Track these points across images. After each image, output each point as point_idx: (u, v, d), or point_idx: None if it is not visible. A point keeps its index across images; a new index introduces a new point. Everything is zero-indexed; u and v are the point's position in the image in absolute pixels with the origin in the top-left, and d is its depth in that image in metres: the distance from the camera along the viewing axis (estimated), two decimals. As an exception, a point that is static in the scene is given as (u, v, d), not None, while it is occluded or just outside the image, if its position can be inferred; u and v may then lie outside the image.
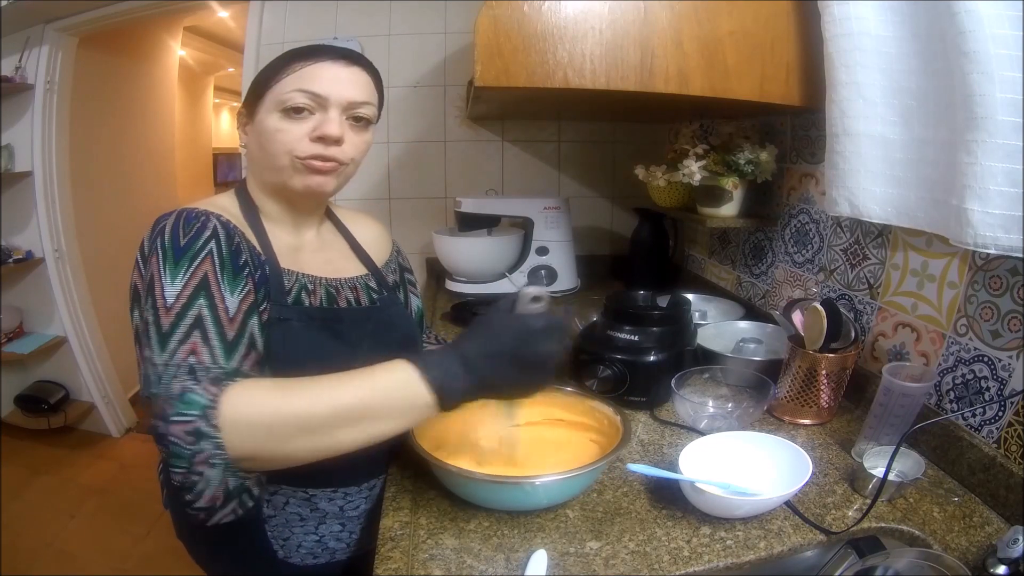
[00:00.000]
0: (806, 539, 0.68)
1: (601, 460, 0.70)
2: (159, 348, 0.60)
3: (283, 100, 0.74)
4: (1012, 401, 0.74)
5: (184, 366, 0.58)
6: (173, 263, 0.64)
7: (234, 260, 0.69)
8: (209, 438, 0.53)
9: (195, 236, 0.67)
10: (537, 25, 0.90)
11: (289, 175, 0.77)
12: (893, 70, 0.82)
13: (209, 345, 0.61)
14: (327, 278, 0.83)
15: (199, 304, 0.63)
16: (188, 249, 0.66)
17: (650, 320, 1.01)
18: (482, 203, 1.75)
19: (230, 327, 0.64)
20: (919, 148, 0.81)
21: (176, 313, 0.62)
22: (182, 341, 0.60)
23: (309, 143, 0.75)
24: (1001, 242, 0.67)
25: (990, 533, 0.69)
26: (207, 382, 0.56)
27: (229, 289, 0.66)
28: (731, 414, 0.92)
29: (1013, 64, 0.64)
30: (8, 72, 2.39)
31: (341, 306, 0.82)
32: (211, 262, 0.66)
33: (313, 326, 0.77)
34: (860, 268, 1.05)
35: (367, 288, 0.88)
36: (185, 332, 0.61)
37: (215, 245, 0.68)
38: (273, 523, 0.78)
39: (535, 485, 0.67)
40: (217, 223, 0.70)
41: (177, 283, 0.63)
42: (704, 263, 1.76)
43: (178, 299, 0.62)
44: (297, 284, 0.78)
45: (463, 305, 1.55)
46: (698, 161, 1.30)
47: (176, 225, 0.68)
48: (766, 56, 0.98)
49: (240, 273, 0.69)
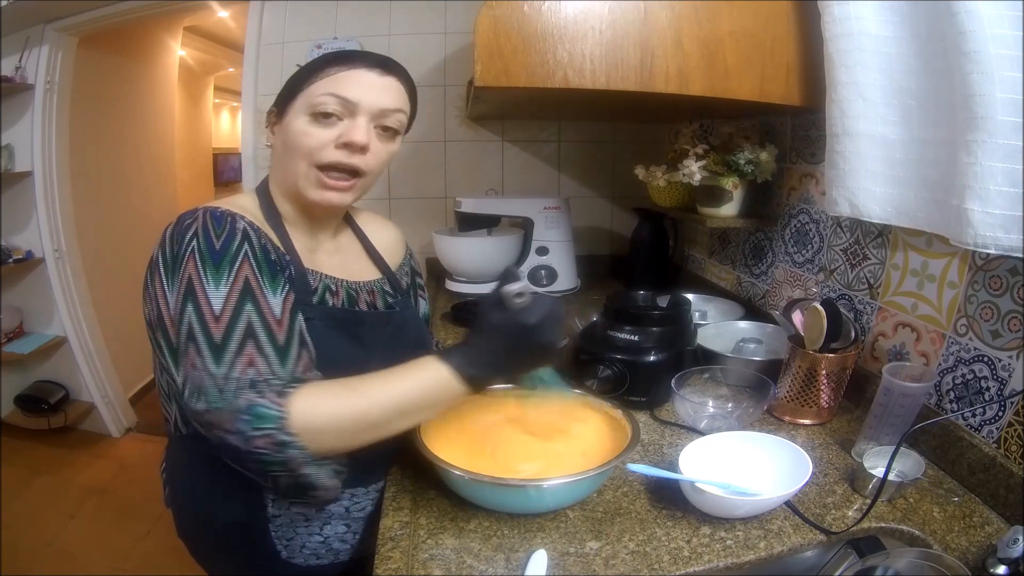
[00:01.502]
0: (806, 539, 0.68)
1: (608, 464, 0.69)
2: (214, 360, 0.60)
3: (314, 104, 0.73)
4: (1012, 401, 0.74)
5: (244, 380, 0.60)
6: (214, 267, 0.64)
7: (269, 260, 0.69)
8: (292, 446, 0.58)
9: (229, 237, 0.67)
10: (537, 25, 0.90)
11: (304, 184, 0.76)
12: (893, 70, 0.82)
13: (264, 354, 0.62)
14: (348, 280, 0.83)
15: (247, 311, 0.63)
16: (225, 252, 0.65)
17: (650, 320, 1.01)
18: (482, 203, 1.75)
19: (280, 331, 0.65)
20: (919, 148, 0.81)
21: (227, 323, 0.62)
22: (238, 352, 0.61)
23: (333, 149, 0.75)
24: (1001, 242, 0.67)
25: (990, 533, 0.69)
26: (271, 393, 0.59)
27: (271, 290, 0.67)
28: (731, 414, 0.92)
29: (1013, 64, 0.64)
30: (8, 72, 2.39)
31: (361, 309, 0.83)
32: (249, 265, 0.66)
33: (333, 327, 0.77)
34: (860, 268, 1.05)
35: (383, 292, 0.89)
36: (239, 342, 0.61)
37: (249, 247, 0.67)
38: (278, 523, 0.77)
39: (542, 488, 0.67)
40: (244, 223, 0.70)
41: (222, 288, 0.63)
42: (704, 263, 1.76)
43: (225, 306, 0.62)
44: (322, 284, 0.79)
45: (463, 305, 1.55)
46: (698, 161, 1.30)
47: (207, 225, 0.67)
48: (766, 56, 0.98)
49: (277, 272, 0.70)
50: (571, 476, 0.67)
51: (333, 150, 0.75)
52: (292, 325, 0.67)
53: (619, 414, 0.82)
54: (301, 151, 0.75)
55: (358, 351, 0.79)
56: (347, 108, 0.74)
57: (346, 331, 0.79)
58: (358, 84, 0.75)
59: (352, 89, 0.74)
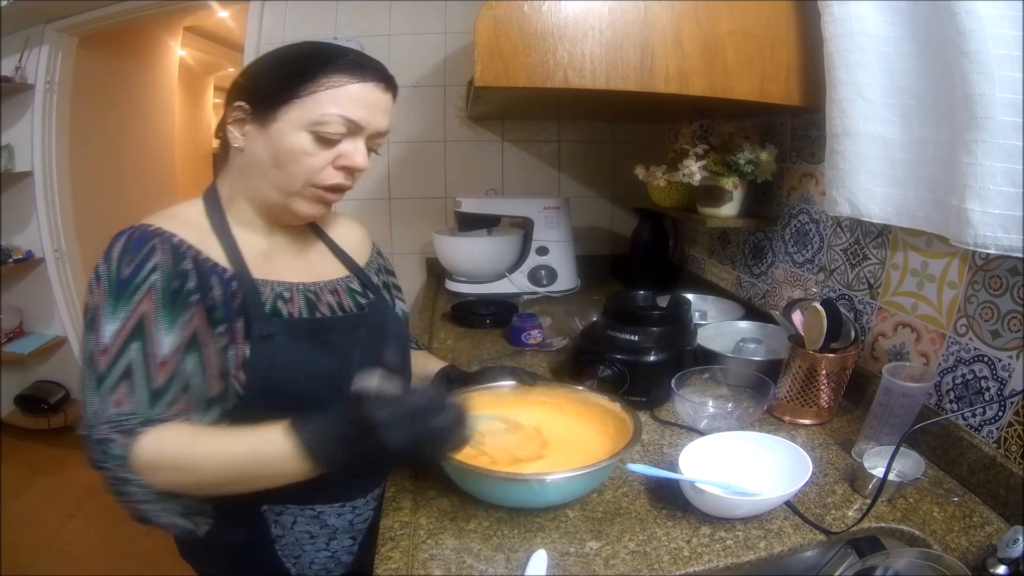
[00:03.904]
0: (806, 539, 0.68)
1: (611, 458, 0.70)
2: (94, 391, 0.61)
3: (318, 121, 0.68)
4: (1012, 401, 0.74)
5: (111, 415, 0.60)
6: (115, 298, 0.63)
7: (175, 293, 0.65)
8: (132, 482, 0.59)
9: (138, 267, 0.64)
10: (537, 25, 0.90)
11: (297, 201, 0.73)
12: (893, 70, 0.82)
13: (134, 395, 0.61)
14: (304, 283, 0.78)
15: (132, 349, 0.62)
16: (129, 282, 0.63)
17: (650, 320, 1.01)
18: (482, 203, 1.75)
19: (160, 373, 0.63)
20: (919, 148, 0.81)
21: (112, 356, 0.61)
22: (112, 389, 0.61)
23: (333, 171, 0.71)
24: (1001, 242, 0.67)
25: (990, 533, 0.69)
26: (122, 434, 0.59)
27: (167, 327, 0.64)
28: (731, 414, 0.92)
29: (1013, 64, 0.64)
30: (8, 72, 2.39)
31: (322, 312, 0.78)
32: (151, 298, 0.64)
33: (299, 339, 0.73)
34: (860, 268, 1.05)
35: (350, 291, 0.84)
36: (116, 381, 0.61)
37: (157, 276, 0.64)
38: (283, 542, 0.77)
39: (545, 482, 0.68)
40: (163, 248, 0.66)
41: (116, 320, 0.62)
42: (704, 263, 1.76)
43: (115, 339, 0.62)
44: (272, 293, 0.74)
45: (463, 305, 1.55)
46: (698, 161, 1.30)
47: (122, 251, 0.65)
48: (766, 56, 0.98)
49: (181, 305, 0.65)
50: (574, 471, 0.67)
51: (333, 171, 0.71)
52: (177, 367, 0.64)
53: (619, 408, 0.82)
54: (300, 170, 0.70)
55: (331, 361, 0.74)
56: (351, 129, 0.70)
57: (314, 341, 0.74)
58: (366, 104, 0.70)
59: (360, 110, 0.70)
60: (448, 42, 1.95)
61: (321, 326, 0.76)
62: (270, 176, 0.71)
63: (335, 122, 0.68)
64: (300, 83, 0.68)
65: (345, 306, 0.81)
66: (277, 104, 0.69)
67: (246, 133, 0.71)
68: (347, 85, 0.69)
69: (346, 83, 0.69)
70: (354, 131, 0.70)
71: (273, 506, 0.76)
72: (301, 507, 0.77)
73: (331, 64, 0.69)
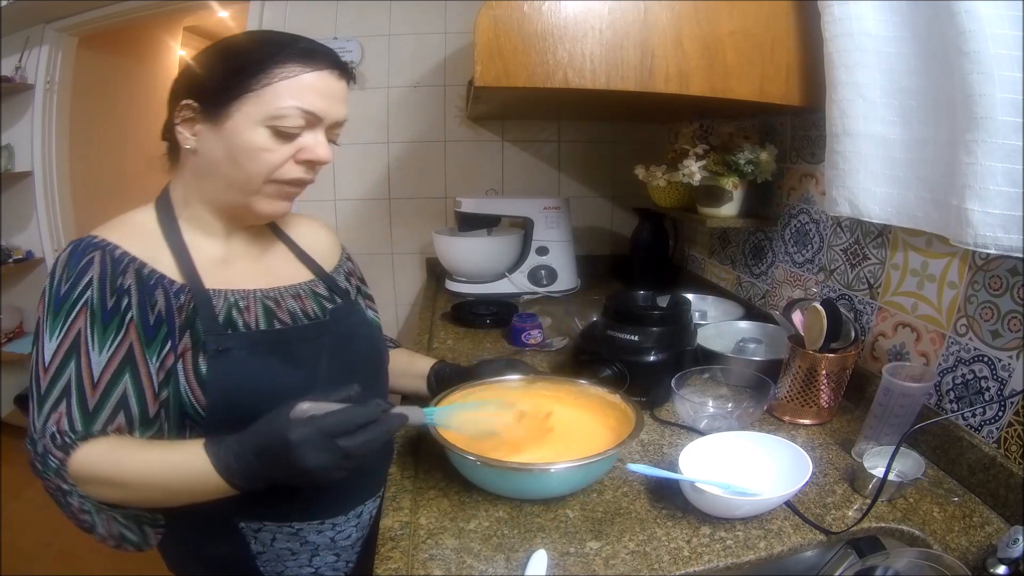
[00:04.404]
0: (806, 539, 0.68)
1: (614, 448, 0.70)
2: (37, 407, 0.62)
3: (276, 115, 0.65)
4: (1012, 401, 0.74)
5: (50, 431, 0.61)
6: (52, 315, 0.62)
7: (110, 311, 0.63)
8: (71, 493, 0.61)
9: (74, 283, 0.62)
10: (537, 25, 0.90)
11: (258, 199, 0.69)
12: (893, 70, 0.82)
13: (70, 414, 0.61)
14: (262, 289, 0.74)
15: (69, 368, 0.61)
16: (65, 300, 0.62)
17: (650, 320, 1.01)
18: (482, 203, 1.75)
19: (92, 394, 0.62)
20: (919, 148, 0.81)
21: (51, 375, 0.61)
22: (53, 407, 0.61)
23: (294, 165, 0.68)
24: (1001, 242, 0.67)
25: (990, 533, 0.69)
26: (58, 448, 0.60)
27: (98, 346, 0.62)
28: (731, 414, 0.92)
29: (1013, 64, 0.64)
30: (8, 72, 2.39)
31: (282, 319, 0.74)
32: (84, 316, 0.62)
33: (258, 352, 0.69)
34: (860, 268, 1.05)
35: (314, 295, 0.79)
36: (56, 399, 0.61)
37: (92, 293, 0.63)
38: (264, 559, 0.75)
39: (549, 472, 0.68)
40: (104, 261, 0.64)
41: (54, 339, 0.62)
42: (704, 263, 1.76)
43: (53, 358, 0.61)
44: (225, 304, 0.70)
45: (463, 305, 1.55)
46: (698, 161, 1.30)
47: (63, 265, 0.64)
48: (766, 56, 0.98)
49: (114, 324, 0.63)
50: (577, 460, 0.68)
51: (294, 166, 0.68)
52: (111, 386, 0.63)
53: (620, 400, 0.83)
54: (260, 168, 0.67)
55: (294, 373, 0.71)
56: (310, 121, 0.67)
57: (275, 354, 0.71)
58: (323, 94, 0.67)
59: (319, 100, 0.66)
60: (448, 42, 1.95)
61: (281, 337, 0.72)
62: (228, 176, 0.68)
63: (293, 115, 0.65)
64: (252, 75, 0.64)
65: (309, 311, 0.77)
66: (229, 99, 0.65)
67: (197, 133, 0.67)
68: (302, 75, 0.65)
69: (300, 72, 0.65)
70: (313, 123, 0.67)
71: (250, 523, 0.74)
72: (279, 524, 0.74)
73: (282, 53, 0.65)
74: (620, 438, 0.74)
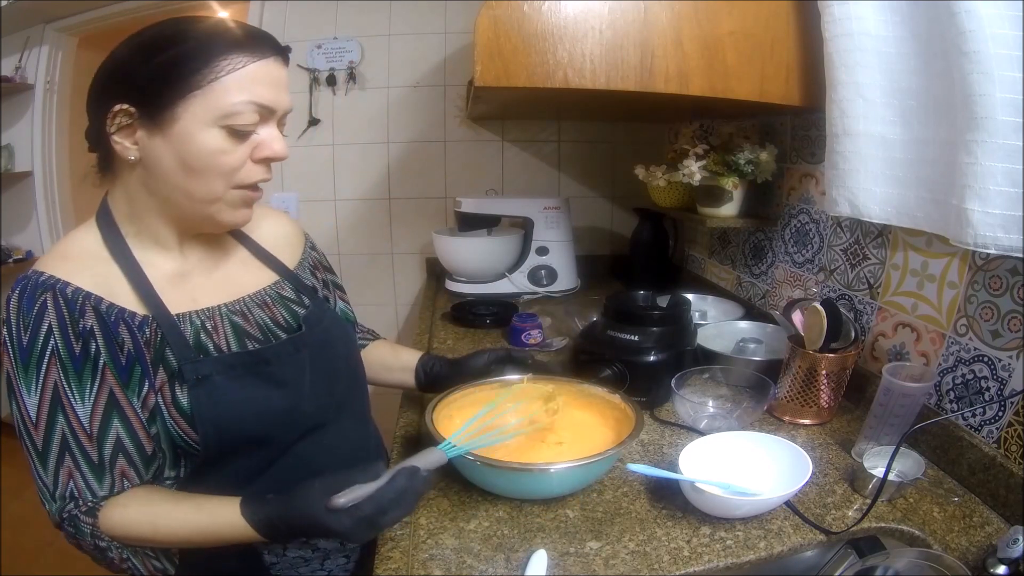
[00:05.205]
0: (806, 539, 0.68)
1: (614, 448, 0.70)
2: (41, 466, 0.60)
3: (228, 113, 0.59)
4: (1012, 401, 0.74)
5: (67, 491, 0.60)
6: (23, 369, 0.58)
7: (76, 357, 0.59)
8: (110, 548, 0.62)
9: (34, 332, 0.58)
10: (537, 25, 0.90)
11: (220, 209, 0.64)
12: (893, 70, 0.82)
13: (81, 472, 0.60)
14: (227, 304, 0.70)
15: (60, 422, 0.59)
16: (31, 352, 0.58)
17: (650, 320, 1.01)
18: (482, 203, 1.75)
19: (91, 446, 0.60)
20: (919, 148, 0.81)
21: (43, 432, 0.59)
22: (59, 463, 0.60)
23: (252, 166, 0.63)
24: (1001, 242, 0.67)
25: (990, 533, 0.69)
26: (86, 514, 0.61)
27: (78, 397, 0.59)
28: (731, 414, 0.92)
29: (1013, 64, 0.64)
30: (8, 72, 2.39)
31: (254, 335, 0.70)
32: (56, 367, 0.59)
33: (236, 376, 0.66)
34: (860, 268, 1.05)
35: (281, 300, 0.76)
36: (58, 455, 0.60)
37: (55, 341, 0.59)
38: (277, 568, 0.76)
39: (549, 472, 0.68)
40: (56, 304, 0.59)
41: (33, 395, 0.59)
42: (704, 263, 1.76)
43: (39, 414, 0.59)
44: (192, 328, 0.66)
45: (463, 305, 1.55)
46: (698, 161, 1.30)
47: (16, 311, 0.59)
48: (766, 56, 0.98)
49: (88, 370, 0.60)
50: (577, 460, 0.68)
51: (253, 167, 0.63)
52: (104, 434, 0.61)
53: (620, 400, 0.83)
54: (218, 172, 0.61)
55: (277, 394, 0.68)
56: (263, 116, 0.62)
57: (254, 375, 0.67)
58: (271, 83, 0.62)
59: (268, 91, 0.61)
60: (448, 42, 1.95)
61: (255, 358, 0.68)
62: (183, 187, 0.62)
63: (247, 111, 0.60)
64: (196, 70, 0.57)
65: (280, 320, 0.74)
66: (172, 100, 0.58)
67: (138, 141, 0.60)
68: (248, 65, 0.59)
69: (247, 62, 0.59)
70: (266, 117, 0.62)
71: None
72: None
73: (223, 40, 0.59)
74: (620, 438, 0.74)
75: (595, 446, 0.74)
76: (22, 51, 2.41)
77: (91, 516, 0.61)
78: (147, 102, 0.58)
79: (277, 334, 0.73)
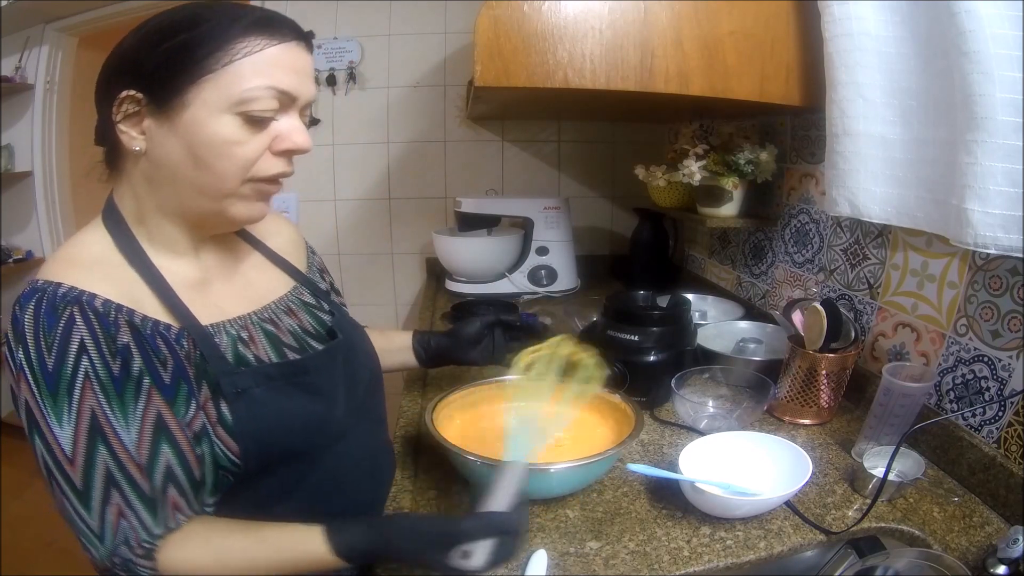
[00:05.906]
0: (806, 539, 0.68)
1: (614, 448, 0.70)
2: (82, 505, 0.52)
3: (244, 99, 0.54)
4: (1012, 401, 0.74)
5: (119, 532, 0.53)
6: (51, 397, 0.50)
7: (116, 378, 0.53)
8: None
9: (62, 354, 0.51)
10: (537, 25, 0.90)
11: (233, 203, 0.59)
12: (893, 70, 0.82)
13: (132, 508, 0.53)
14: (256, 311, 0.66)
15: (102, 453, 0.52)
16: (59, 376, 0.50)
17: (650, 320, 1.01)
18: (482, 203, 1.75)
19: (143, 478, 0.53)
20: (919, 148, 0.81)
21: (82, 467, 0.51)
22: (105, 501, 0.52)
23: (272, 158, 0.58)
24: (1001, 242, 0.67)
25: (990, 533, 0.69)
26: (143, 558, 0.54)
27: (123, 421, 0.52)
28: (731, 414, 0.92)
29: (1013, 64, 0.64)
30: (8, 72, 2.39)
31: (288, 344, 0.67)
32: (92, 390, 0.51)
33: (276, 387, 0.62)
34: (860, 268, 1.05)
35: (304, 306, 0.73)
36: (103, 491, 0.52)
37: (90, 361, 0.51)
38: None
39: (549, 472, 0.68)
40: (86, 319, 0.52)
41: (66, 425, 0.51)
42: (704, 263, 1.76)
43: (76, 447, 0.51)
44: (229, 339, 0.61)
45: (463, 305, 1.55)
46: (698, 161, 1.30)
47: (35, 331, 0.51)
48: (766, 56, 0.98)
49: (131, 391, 0.53)
50: (577, 460, 0.68)
51: (272, 160, 0.58)
52: (154, 462, 0.54)
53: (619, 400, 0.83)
54: (232, 165, 0.56)
55: (317, 406, 0.65)
56: (283, 103, 0.57)
57: (294, 386, 0.63)
58: (293, 69, 0.57)
59: (289, 77, 0.56)
60: (448, 42, 1.95)
61: (296, 368, 0.64)
62: (193, 180, 0.57)
63: (264, 96, 0.55)
64: (209, 52, 0.53)
65: (307, 326, 0.71)
66: (183, 85, 0.53)
67: (146, 130, 0.55)
68: (267, 48, 0.55)
69: (265, 45, 0.54)
70: (287, 104, 0.57)
71: None
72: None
73: (240, 24, 0.54)
74: (620, 438, 0.74)
75: (595, 446, 0.74)
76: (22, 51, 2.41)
77: (149, 559, 0.54)
78: (155, 88, 0.53)
79: (309, 342, 0.70)
